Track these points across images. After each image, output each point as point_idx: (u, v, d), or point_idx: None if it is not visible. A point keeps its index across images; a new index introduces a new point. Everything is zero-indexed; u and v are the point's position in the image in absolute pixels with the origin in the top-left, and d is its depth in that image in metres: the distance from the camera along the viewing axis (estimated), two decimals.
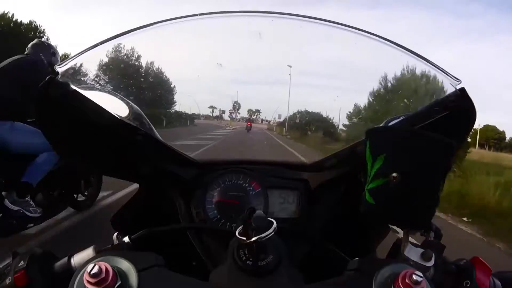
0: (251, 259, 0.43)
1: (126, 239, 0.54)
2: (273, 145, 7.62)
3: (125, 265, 0.39)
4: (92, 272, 0.35)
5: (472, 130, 0.57)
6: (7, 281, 0.45)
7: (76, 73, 0.55)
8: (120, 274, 0.38)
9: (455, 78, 0.52)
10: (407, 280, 0.37)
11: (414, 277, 0.37)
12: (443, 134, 0.43)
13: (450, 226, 4.54)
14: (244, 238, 0.42)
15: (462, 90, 0.51)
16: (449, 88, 0.54)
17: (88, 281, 0.35)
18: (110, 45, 0.56)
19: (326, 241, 0.61)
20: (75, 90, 0.53)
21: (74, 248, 0.52)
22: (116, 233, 0.55)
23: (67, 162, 2.84)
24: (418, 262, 0.45)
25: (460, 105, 0.52)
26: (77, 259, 0.50)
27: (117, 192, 4.10)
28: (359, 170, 0.63)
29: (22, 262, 0.46)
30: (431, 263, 0.45)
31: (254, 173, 0.71)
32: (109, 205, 3.83)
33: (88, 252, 0.51)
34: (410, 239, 0.48)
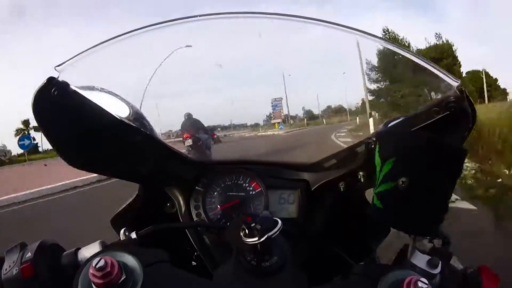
0: (255, 259, 0.43)
1: (133, 235, 0.54)
2: None
3: (130, 260, 0.39)
4: (97, 266, 0.36)
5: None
6: (14, 272, 0.45)
7: (76, 73, 0.55)
8: (125, 269, 0.38)
9: (454, 78, 0.52)
10: (412, 287, 0.37)
11: (419, 284, 0.36)
12: (444, 135, 0.43)
13: None
14: (250, 240, 0.42)
15: (462, 90, 0.50)
16: (448, 89, 0.53)
17: (94, 275, 0.36)
18: (111, 46, 0.56)
19: (326, 241, 0.61)
20: (75, 90, 0.53)
21: None
22: (123, 229, 0.56)
23: None
24: (424, 269, 0.44)
25: (460, 105, 0.51)
26: (83, 252, 0.51)
27: None
28: (359, 171, 0.63)
29: (29, 254, 0.47)
30: (437, 271, 0.44)
31: (254, 173, 0.71)
32: None
33: (95, 246, 0.51)
34: (418, 245, 0.47)
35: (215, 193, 0.69)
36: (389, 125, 0.60)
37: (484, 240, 2.51)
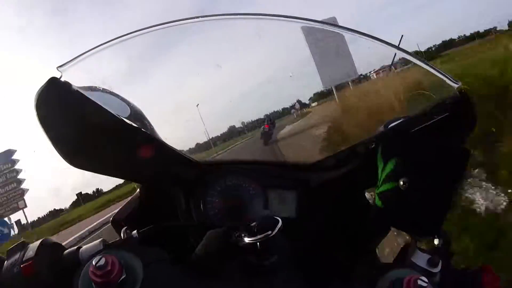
0: (256, 258, 0.43)
1: (134, 233, 0.54)
2: None
3: (131, 258, 0.40)
4: (98, 265, 0.36)
5: None
6: (15, 270, 0.45)
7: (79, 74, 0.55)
8: (126, 267, 0.38)
9: (455, 80, 0.52)
10: (411, 286, 0.37)
11: (419, 282, 0.37)
12: (444, 136, 0.43)
13: None
14: (251, 239, 0.43)
15: (462, 91, 0.50)
16: (449, 90, 0.53)
17: (94, 273, 0.36)
18: (112, 47, 0.56)
19: (325, 241, 0.61)
20: (77, 90, 0.54)
21: None
22: (124, 228, 0.56)
23: None
24: (425, 268, 0.45)
25: (461, 106, 0.51)
26: (84, 251, 0.51)
27: None
28: (358, 170, 0.63)
29: (31, 253, 0.47)
30: (437, 270, 0.45)
31: (254, 174, 0.71)
32: None
33: (96, 245, 0.51)
34: (419, 244, 0.48)
35: (215, 193, 0.69)
36: (390, 125, 0.60)
37: None
